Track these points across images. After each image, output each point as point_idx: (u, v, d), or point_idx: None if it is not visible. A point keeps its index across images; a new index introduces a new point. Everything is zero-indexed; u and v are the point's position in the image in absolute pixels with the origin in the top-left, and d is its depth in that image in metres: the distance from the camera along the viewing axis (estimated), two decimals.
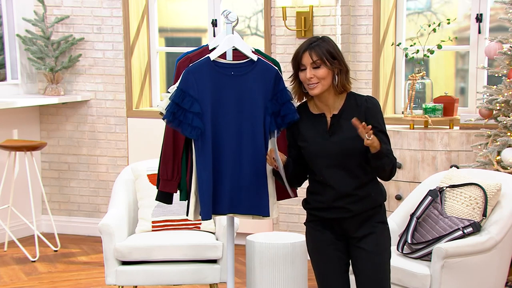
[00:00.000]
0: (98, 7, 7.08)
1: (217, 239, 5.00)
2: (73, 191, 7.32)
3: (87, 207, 7.29)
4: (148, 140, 6.87)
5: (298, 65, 3.60)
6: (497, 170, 5.15)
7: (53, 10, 7.19)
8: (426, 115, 5.75)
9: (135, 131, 7.01)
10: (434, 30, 5.80)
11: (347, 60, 5.99)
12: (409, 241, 4.54)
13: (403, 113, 5.93)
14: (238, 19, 4.03)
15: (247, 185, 3.87)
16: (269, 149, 3.67)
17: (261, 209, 3.89)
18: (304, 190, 3.79)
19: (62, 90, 7.12)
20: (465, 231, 4.44)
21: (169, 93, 3.87)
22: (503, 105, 5.31)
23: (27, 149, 6.48)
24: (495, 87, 5.39)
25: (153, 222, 5.14)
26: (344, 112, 3.60)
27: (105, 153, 7.17)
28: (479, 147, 5.42)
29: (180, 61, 4.13)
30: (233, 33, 3.98)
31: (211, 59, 3.86)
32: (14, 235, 6.69)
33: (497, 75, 5.44)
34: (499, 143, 5.23)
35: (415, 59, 5.89)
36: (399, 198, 5.66)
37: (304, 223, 3.77)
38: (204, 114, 3.81)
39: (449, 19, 5.83)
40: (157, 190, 4.28)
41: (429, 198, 4.61)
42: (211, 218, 3.88)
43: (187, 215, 3.95)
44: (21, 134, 7.13)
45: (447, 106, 5.80)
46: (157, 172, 4.27)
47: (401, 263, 4.44)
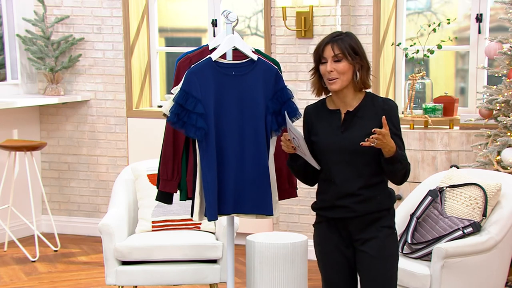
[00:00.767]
0: (98, 7, 7.08)
1: (217, 239, 5.00)
2: (73, 191, 7.31)
3: (87, 207, 7.29)
4: (148, 140, 6.86)
5: (319, 58, 3.54)
6: (497, 170, 5.14)
7: (53, 10, 7.19)
8: (426, 115, 5.75)
9: (135, 131, 7.01)
10: (434, 30, 5.80)
11: None
12: (409, 241, 4.53)
13: (403, 113, 5.93)
14: (238, 19, 4.04)
15: (250, 184, 3.87)
16: (283, 134, 3.54)
17: (264, 208, 3.90)
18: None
19: (62, 90, 7.12)
20: (465, 231, 4.43)
21: (172, 94, 3.87)
22: (503, 105, 5.31)
23: (27, 149, 6.48)
24: (495, 87, 5.39)
25: (153, 222, 5.14)
26: (359, 110, 3.55)
27: (105, 153, 7.17)
28: (479, 147, 5.42)
29: (180, 61, 4.13)
30: (233, 33, 3.99)
31: (213, 60, 3.86)
32: (14, 235, 6.68)
33: (497, 75, 5.44)
34: (499, 143, 5.23)
35: (415, 59, 5.88)
36: (399, 198, 5.66)
37: (312, 225, 3.73)
38: (207, 114, 3.81)
39: (449, 19, 5.83)
40: (157, 190, 4.28)
41: (429, 198, 4.61)
42: (217, 219, 3.88)
43: (191, 216, 3.94)
44: (21, 134, 7.12)
45: (447, 106, 5.79)
46: (157, 172, 4.27)
47: (401, 263, 4.40)
